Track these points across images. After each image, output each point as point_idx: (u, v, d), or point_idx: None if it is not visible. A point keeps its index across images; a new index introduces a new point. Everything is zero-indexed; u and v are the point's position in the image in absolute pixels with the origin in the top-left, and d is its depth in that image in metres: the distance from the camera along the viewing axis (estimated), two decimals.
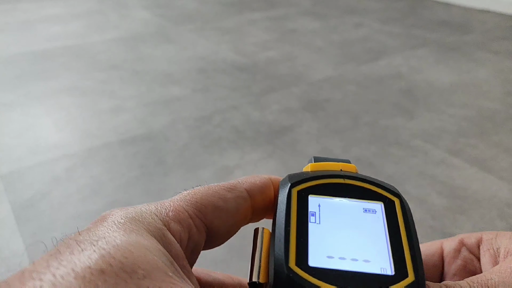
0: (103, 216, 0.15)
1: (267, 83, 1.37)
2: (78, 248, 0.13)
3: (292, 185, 0.18)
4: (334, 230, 0.16)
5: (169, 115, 1.17)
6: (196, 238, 0.17)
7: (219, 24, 1.98)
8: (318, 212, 0.17)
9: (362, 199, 0.18)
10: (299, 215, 0.17)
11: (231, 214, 0.18)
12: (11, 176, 0.92)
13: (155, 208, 0.16)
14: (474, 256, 0.20)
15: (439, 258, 0.21)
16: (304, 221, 0.16)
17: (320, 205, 0.17)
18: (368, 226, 0.16)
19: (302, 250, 0.15)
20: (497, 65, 1.50)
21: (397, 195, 0.18)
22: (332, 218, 0.17)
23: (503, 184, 0.89)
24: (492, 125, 1.11)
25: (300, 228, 0.16)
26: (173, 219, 0.16)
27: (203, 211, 0.17)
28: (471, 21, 2.01)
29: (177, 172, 0.93)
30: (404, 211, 0.17)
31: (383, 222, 0.16)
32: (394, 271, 0.15)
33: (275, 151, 1.00)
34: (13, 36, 1.82)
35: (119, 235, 0.14)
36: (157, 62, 1.55)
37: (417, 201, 0.84)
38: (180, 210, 0.17)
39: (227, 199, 0.18)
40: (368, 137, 1.06)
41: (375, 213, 0.17)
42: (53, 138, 1.06)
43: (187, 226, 0.16)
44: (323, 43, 1.73)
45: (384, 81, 1.38)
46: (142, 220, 0.15)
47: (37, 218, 0.80)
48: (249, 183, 0.19)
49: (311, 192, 0.18)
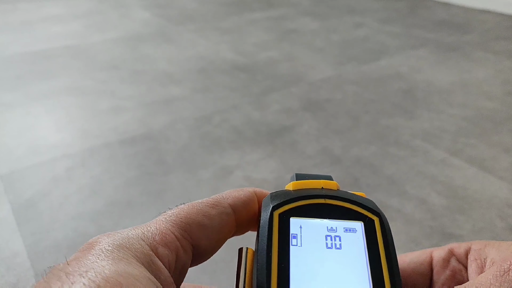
0: (90, 244, 0.15)
1: (267, 83, 1.37)
2: (67, 281, 0.13)
3: (273, 208, 0.18)
4: (315, 253, 0.17)
5: (169, 115, 1.17)
6: (183, 259, 0.17)
7: (219, 24, 1.98)
8: (300, 234, 0.17)
9: (343, 219, 0.18)
10: (280, 238, 0.17)
11: (216, 231, 0.18)
12: (11, 176, 0.92)
13: (142, 233, 0.16)
14: (462, 266, 0.20)
15: (428, 267, 0.21)
16: (285, 244, 0.17)
17: (301, 226, 0.17)
18: (349, 247, 0.17)
19: (284, 276, 0.16)
20: (497, 65, 1.50)
21: (377, 213, 0.18)
22: (313, 240, 0.17)
23: (503, 184, 0.89)
24: (492, 125, 1.11)
25: (281, 253, 0.16)
26: (160, 243, 0.16)
27: (188, 231, 0.17)
28: (471, 21, 2.01)
29: (177, 172, 0.93)
30: (383, 230, 0.17)
31: (364, 242, 0.17)
32: None
33: (275, 151, 1.00)
34: (13, 36, 1.82)
35: (107, 264, 0.14)
36: (157, 62, 1.55)
37: (416, 201, 0.84)
38: (167, 232, 0.17)
39: (211, 216, 0.18)
40: (368, 137, 1.06)
41: (355, 232, 0.17)
42: (53, 138, 1.06)
43: (175, 249, 0.16)
44: (323, 43, 1.73)
45: (384, 81, 1.38)
46: (130, 247, 0.15)
47: (37, 218, 0.80)
48: (233, 198, 0.20)
49: (293, 214, 0.18)
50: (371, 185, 0.89)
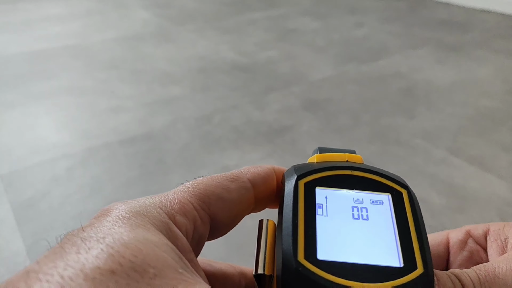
0: (106, 210, 0.15)
1: (267, 83, 1.37)
2: (84, 246, 0.12)
3: (298, 177, 0.17)
4: (342, 223, 0.16)
5: (169, 115, 1.17)
6: (201, 230, 0.17)
7: (219, 24, 1.98)
8: (325, 204, 0.17)
9: (370, 190, 0.17)
10: (306, 207, 0.16)
11: (235, 205, 0.18)
12: (11, 176, 0.92)
13: (159, 201, 0.16)
14: (480, 247, 0.20)
15: (445, 249, 0.21)
16: (311, 213, 0.16)
17: (327, 197, 0.17)
18: (376, 218, 0.16)
19: (311, 243, 0.15)
20: (497, 64, 1.50)
21: (405, 186, 0.18)
22: (339, 210, 0.16)
23: (502, 183, 0.89)
24: (492, 124, 1.11)
25: (308, 221, 0.16)
26: (178, 212, 0.16)
27: (207, 202, 0.17)
28: (471, 21, 2.01)
29: (177, 172, 0.93)
30: (412, 202, 0.17)
31: (391, 214, 0.16)
32: (403, 263, 0.15)
33: (275, 151, 1.00)
34: (12, 36, 1.82)
35: (125, 231, 0.13)
36: (157, 61, 1.55)
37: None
38: (185, 202, 0.16)
39: (230, 190, 0.18)
40: (368, 137, 1.06)
41: (382, 204, 0.17)
42: (53, 138, 1.06)
43: (192, 219, 0.16)
44: (323, 42, 1.73)
45: (385, 81, 1.38)
46: (147, 214, 0.15)
47: (37, 218, 0.80)
48: (252, 173, 0.19)
49: (318, 184, 0.17)
50: None
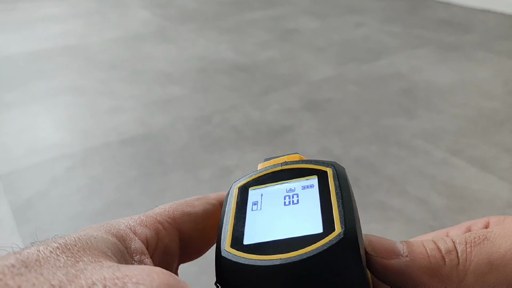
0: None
1: (267, 83, 1.37)
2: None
3: (234, 184, 0.19)
4: (272, 211, 0.17)
5: (169, 115, 1.17)
6: (166, 241, 0.17)
7: (219, 24, 1.98)
8: (260, 200, 0.18)
9: (299, 177, 0.18)
10: (238, 207, 0.18)
11: (200, 218, 0.19)
12: (10, 176, 0.92)
13: (124, 220, 0.17)
14: None
15: None
16: (243, 210, 0.17)
17: (262, 194, 0.18)
18: (305, 200, 0.17)
19: (238, 233, 0.16)
20: (498, 64, 1.50)
21: (331, 165, 0.19)
22: (273, 202, 0.18)
23: (503, 184, 0.88)
24: (492, 125, 1.11)
25: (238, 217, 0.17)
26: (139, 224, 0.17)
27: (171, 217, 0.18)
28: (472, 21, 2.01)
29: (177, 172, 0.93)
30: (336, 176, 0.18)
31: (317, 193, 0.17)
32: (323, 229, 0.15)
33: (275, 151, 1.00)
34: (12, 36, 1.82)
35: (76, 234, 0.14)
36: (157, 62, 1.55)
37: (417, 201, 0.84)
38: (148, 216, 0.18)
39: (195, 205, 0.19)
40: (368, 137, 1.06)
41: (312, 187, 0.18)
42: (52, 138, 1.06)
43: (155, 229, 0.17)
44: (323, 42, 1.73)
45: (385, 81, 1.38)
46: (105, 226, 0.16)
47: (36, 218, 0.80)
48: (217, 194, 0.21)
49: (251, 185, 0.19)
50: (372, 185, 0.88)
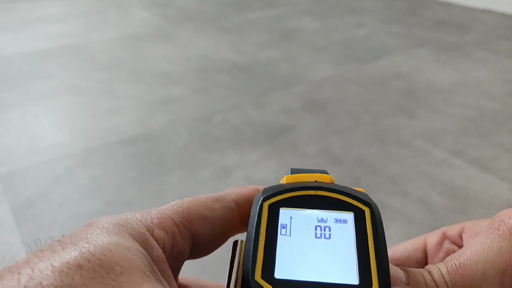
0: (89, 223, 0.16)
1: (267, 83, 1.36)
2: (59, 247, 0.13)
3: (263, 199, 0.18)
4: (303, 242, 0.16)
5: (169, 115, 1.17)
6: (180, 245, 0.17)
7: (219, 24, 1.98)
8: (290, 224, 0.17)
9: (333, 209, 0.18)
10: (268, 228, 0.17)
11: (218, 224, 0.18)
12: (10, 176, 0.91)
13: (141, 215, 0.17)
14: (456, 247, 0.21)
15: (423, 253, 0.21)
16: (273, 234, 0.17)
17: (292, 217, 0.17)
18: (338, 237, 0.17)
19: (269, 262, 0.16)
20: (498, 64, 1.50)
21: (368, 204, 0.18)
22: (303, 230, 0.17)
23: (504, 184, 0.88)
24: (493, 125, 1.11)
25: (269, 241, 0.16)
26: (157, 225, 0.17)
27: (189, 220, 0.18)
28: (471, 21, 2.01)
29: (177, 172, 0.93)
30: (374, 220, 0.17)
31: (353, 232, 0.17)
32: (359, 281, 0.15)
33: (275, 151, 1.00)
34: (12, 36, 1.82)
35: (101, 237, 0.14)
36: (157, 61, 1.55)
37: (417, 201, 0.83)
38: (165, 217, 0.17)
39: (214, 209, 0.18)
40: (368, 137, 1.06)
41: (346, 223, 0.17)
42: (52, 138, 1.06)
43: (171, 233, 0.17)
44: (323, 42, 1.73)
45: (385, 81, 1.38)
46: (125, 225, 0.16)
47: (36, 218, 0.80)
48: (236, 194, 0.20)
49: (283, 205, 0.18)
50: (372, 185, 0.88)
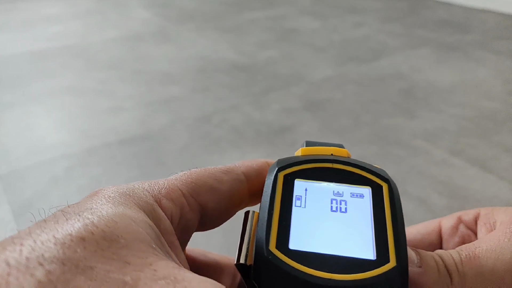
0: (95, 192, 0.15)
1: (267, 83, 1.37)
2: (63, 218, 0.13)
3: (279, 169, 0.18)
4: (318, 214, 0.16)
5: (169, 115, 1.17)
6: (188, 217, 0.17)
7: (219, 24, 1.98)
8: (305, 196, 0.17)
9: (350, 183, 0.17)
10: (283, 198, 0.17)
11: (226, 196, 0.18)
12: (10, 176, 0.91)
13: (148, 185, 0.17)
14: (472, 232, 0.20)
15: (437, 236, 0.21)
16: (288, 204, 0.16)
17: (307, 189, 0.17)
18: (354, 211, 0.16)
19: (284, 233, 0.15)
20: (498, 64, 1.50)
21: (386, 180, 0.17)
22: (318, 202, 0.17)
23: (503, 184, 0.88)
24: (493, 125, 1.11)
25: (283, 212, 0.16)
26: (165, 196, 0.16)
27: (197, 191, 0.17)
28: (472, 21, 2.01)
29: (177, 172, 0.93)
30: (392, 196, 0.17)
31: (370, 207, 0.16)
32: (376, 256, 0.15)
33: (275, 151, 1.00)
34: (12, 36, 1.82)
35: (106, 207, 0.14)
36: (157, 61, 1.55)
37: (417, 201, 0.83)
38: (174, 188, 0.17)
39: (223, 181, 0.18)
40: (368, 137, 1.06)
41: (362, 197, 0.17)
42: (52, 138, 1.06)
43: (179, 204, 0.16)
44: (323, 42, 1.73)
45: (385, 81, 1.38)
46: (132, 195, 0.15)
47: (36, 218, 0.79)
48: (246, 166, 0.20)
49: (298, 176, 0.18)
50: None
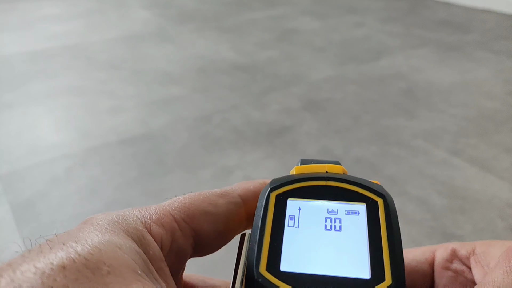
0: (86, 220, 0.15)
1: (267, 83, 1.37)
2: (47, 247, 0.13)
3: (271, 189, 0.17)
4: (312, 234, 0.16)
5: (169, 115, 1.17)
6: (181, 242, 0.16)
7: (219, 24, 1.98)
8: (298, 215, 0.16)
9: (345, 200, 0.17)
10: (275, 219, 0.16)
11: (222, 220, 0.18)
12: (10, 176, 0.91)
13: (139, 212, 0.16)
14: (465, 267, 0.20)
15: (430, 266, 0.21)
16: (280, 225, 0.16)
17: (300, 208, 0.17)
18: (349, 229, 0.16)
19: (275, 255, 0.15)
20: (497, 64, 1.50)
21: (382, 195, 0.17)
22: (311, 222, 0.16)
23: (503, 184, 0.88)
24: (493, 125, 1.11)
25: (275, 232, 0.16)
26: (155, 222, 0.16)
27: (190, 216, 0.17)
28: (471, 21, 2.01)
29: (177, 172, 0.93)
30: (388, 212, 0.16)
31: (365, 224, 0.16)
32: (371, 275, 0.14)
33: (275, 151, 1.00)
34: (12, 36, 1.82)
35: (93, 235, 0.14)
36: (157, 61, 1.55)
37: (417, 201, 0.83)
38: (165, 213, 0.16)
39: (218, 205, 0.18)
40: (368, 137, 1.06)
41: (358, 214, 0.16)
42: (52, 138, 1.06)
43: (170, 229, 0.16)
44: (323, 42, 1.73)
45: (385, 81, 1.38)
46: (121, 222, 0.15)
47: (36, 218, 0.80)
48: (243, 189, 0.19)
49: (291, 195, 0.17)
50: None
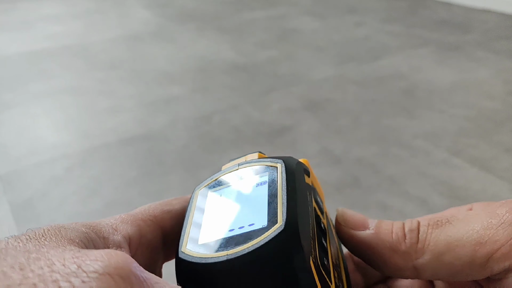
0: None
1: (267, 83, 1.36)
2: None
3: (196, 188, 0.20)
4: (226, 211, 0.18)
5: (169, 115, 1.16)
6: (149, 236, 0.18)
7: (219, 24, 1.98)
8: (219, 201, 0.19)
9: (253, 177, 0.19)
10: (197, 209, 0.19)
11: (179, 215, 0.20)
12: (9, 176, 0.91)
13: (107, 219, 0.18)
14: None
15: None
16: (201, 212, 0.18)
17: (221, 195, 0.19)
18: (256, 197, 0.18)
19: (195, 234, 0.17)
20: (498, 64, 1.50)
21: (282, 160, 0.19)
22: (228, 203, 0.18)
23: (504, 184, 0.88)
24: (493, 125, 1.11)
25: (197, 219, 0.18)
26: (120, 221, 0.18)
27: (152, 214, 0.19)
28: (472, 21, 2.01)
29: (177, 172, 0.93)
30: (284, 171, 0.18)
31: (267, 187, 0.18)
32: (267, 223, 0.16)
33: (275, 151, 1.00)
34: (12, 36, 1.82)
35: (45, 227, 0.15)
36: (157, 61, 1.54)
37: (418, 202, 0.83)
38: (129, 215, 0.18)
39: (173, 204, 0.20)
40: (368, 137, 1.06)
41: (265, 184, 0.18)
42: (52, 138, 1.06)
43: (137, 225, 0.18)
44: (323, 42, 1.73)
45: (385, 81, 1.38)
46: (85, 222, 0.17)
47: (36, 218, 0.79)
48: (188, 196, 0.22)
49: (211, 187, 0.20)
50: (372, 185, 0.88)
